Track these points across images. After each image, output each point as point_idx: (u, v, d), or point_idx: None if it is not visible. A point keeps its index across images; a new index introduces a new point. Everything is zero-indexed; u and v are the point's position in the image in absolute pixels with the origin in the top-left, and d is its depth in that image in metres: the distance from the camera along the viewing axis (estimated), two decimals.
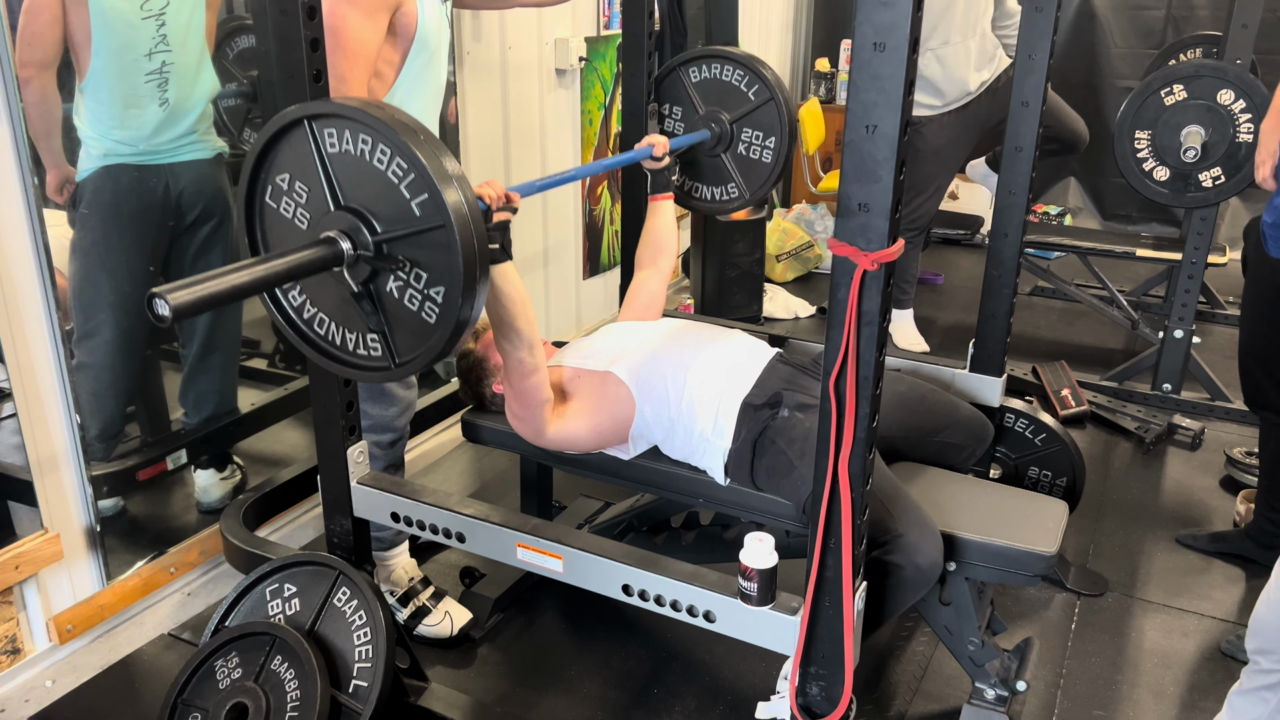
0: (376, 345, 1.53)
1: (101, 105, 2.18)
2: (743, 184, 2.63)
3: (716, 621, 1.68)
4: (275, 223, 1.56)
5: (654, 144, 2.34)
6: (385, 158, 1.40)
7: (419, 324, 1.47)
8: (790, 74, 5.88)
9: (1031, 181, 2.40)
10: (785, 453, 1.89)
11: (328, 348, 1.59)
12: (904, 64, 1.27)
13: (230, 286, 1.32)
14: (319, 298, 1.57)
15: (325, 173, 1.47)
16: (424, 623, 2.30)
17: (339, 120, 1.43)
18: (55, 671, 2.19)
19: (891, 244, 1.36)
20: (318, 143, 1.46)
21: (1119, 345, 4.28)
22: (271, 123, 1.48)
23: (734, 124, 2.58)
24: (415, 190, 1.39)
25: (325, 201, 1.48)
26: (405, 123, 1.39)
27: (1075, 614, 2.47)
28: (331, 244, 1.44)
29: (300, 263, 1.42)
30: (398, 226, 1.42)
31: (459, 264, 1.38)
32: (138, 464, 2.41)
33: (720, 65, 2.58)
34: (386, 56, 2.06)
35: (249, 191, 1.56)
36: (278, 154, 1.51)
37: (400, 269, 1.45)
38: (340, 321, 1.56)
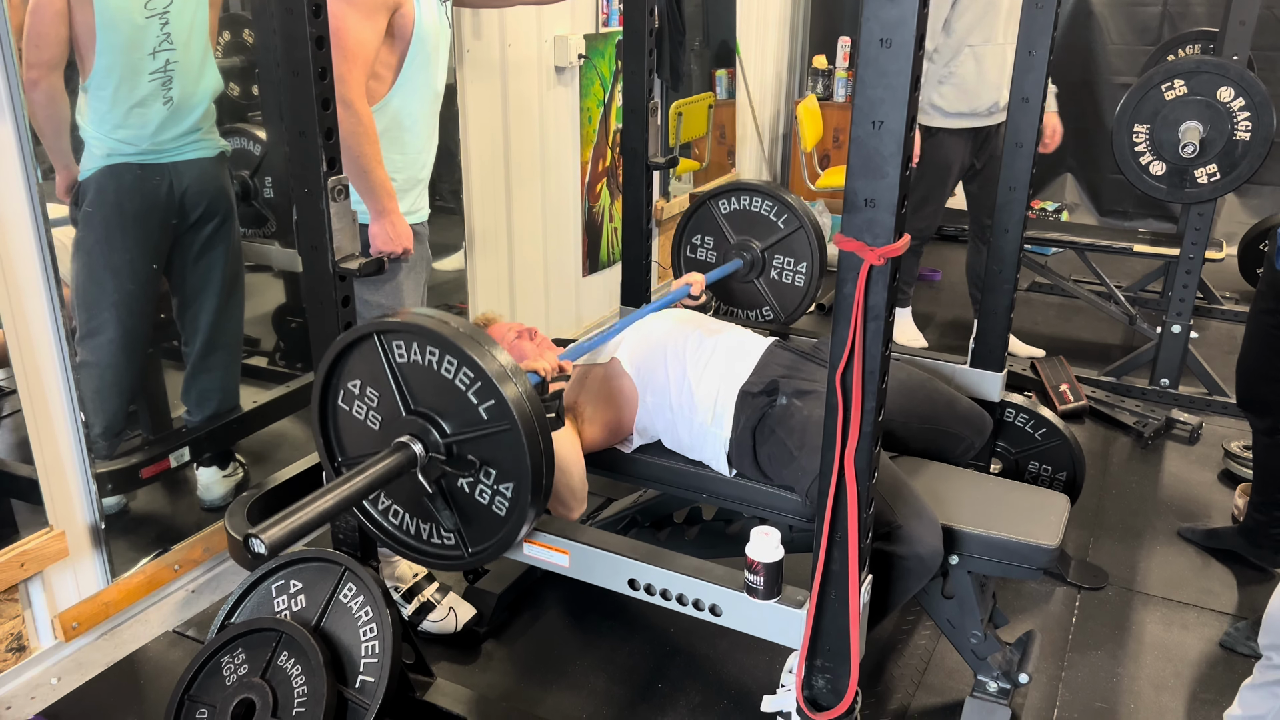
0: (450, 536, 1.64)
1: (105, 104, 2.18)
2: (777, 307, 2.75)
3: (723, 615, 1.69)
4: (348, 424, 1.69)
5: (691, 283, 2.43)
6: (452, 368, 1.53)
7: (490, 517, 1.58)
8: (788, 71, 5.89)
9: (1031, 178, 2.41)
10: (785, 442, 1.90)
11: (403, 538, 1.72)
12: (910, 60, 1.28)
13: (320, 514, 1.43)
14: (394, 492, 1.69)
15: (395, 380, 1.59)
16: (429, 618, 2.31)
17: (406, 335, 1.55)
18: (61, 669, 2.19)
19: (898, 239, 1.37)
20: (387, 354, 1.58)
21: (1117, 340, 4.30)
22: (343, 335, 1.62)
23: (765, 251, 2.71)
24: (482, 396, 1.51)
25: (396, 406, 1.60)
26: (469, 335, 1.51)
27: (1076, 607, 2.49)
28: (404, 449, 1.56)
29: (379, 475, 1.53)
30: (467, 430, 1.54)
31: (527, 463, 1.49)
32: (141, 462, 2.42)
33: (749, 197, 2.72)
34: (384, 58, 2.07)
35: (322, 397, 1.68)
36: (349, 362, 1.64)
37: (470, 467, 1.56)
38: (414, 514, 1.68)
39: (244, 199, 2.71)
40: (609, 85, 3.84)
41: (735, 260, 2.73)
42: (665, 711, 2.12)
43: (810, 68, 5.84)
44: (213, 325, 2.53)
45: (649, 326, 2.17)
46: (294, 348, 2.98)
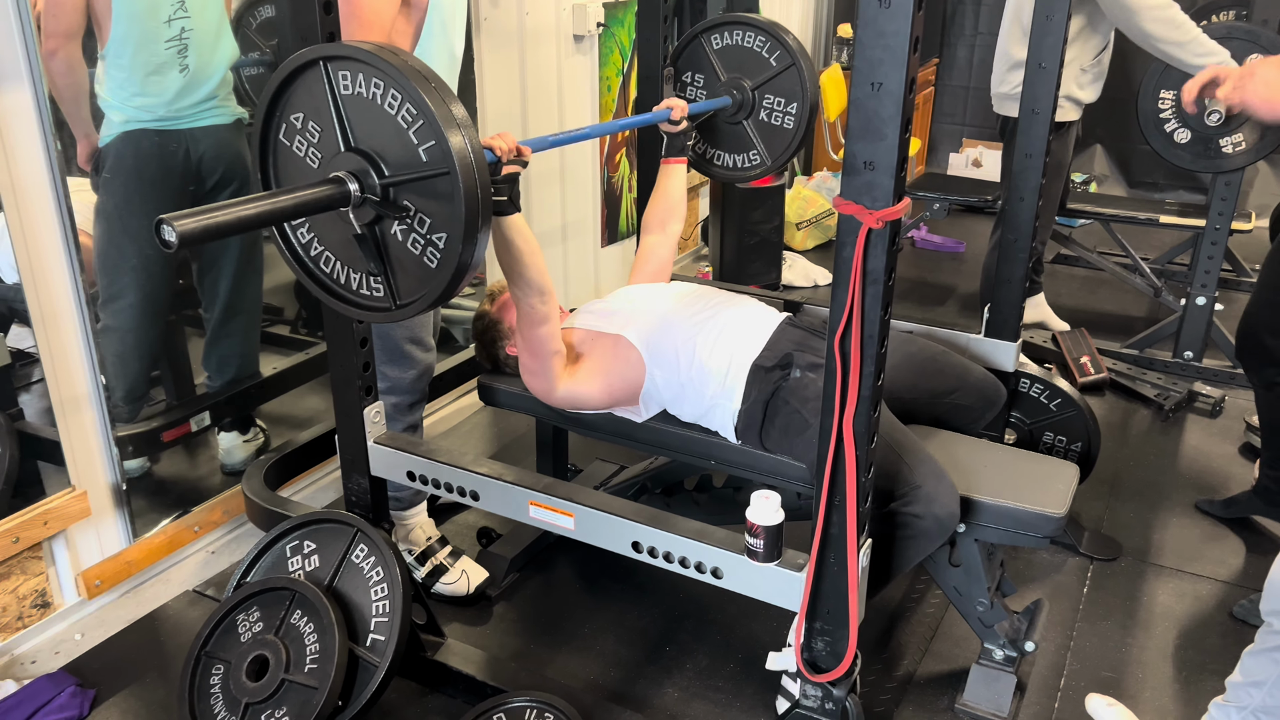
0: (379, 286, 1.55)
1: (123, 72, 2.21)
2: (764, 151, 2.63)
3: (724, 578, 1.70)
4: (288, 160, 1.58)
5: (672, 107, 2.35)
6: (396, 103, 1.42)
7: (421, 268, 1.49)
8: (812, 40, 5.83)
9: (1048, 146, 2.38)
10: (800, 411, 1.90)
11: (332, 285, 1.62)
12: (909, 20, 1.27)
13: (236, 218, 1.34)
14: (326, 236, 1.59)
15: (338, 114, 1.49)
16: (441, 581, 2.35)
17: (353, 63, 1.45)
18: (84, 625, 2.25)
19: (897, 202, 1.36)
20: (332, 84, 1.48)
21: (1141, 313, 4.25)
22: (289, 61, 1.50)
23: (755, 90, 2.58)
24: (423, 136, 1.41)
25: (336, 142, 1.50)
26: (417, 69, 1.40)
27: (1088, 578, 2.48)
28: (339, 184, 1.47)
29: (307, 200, 1.44)
30: (405, 171, 1.44)
31: (461, 211, 1.39)
32: (162, 425, 2.47)
33: (742, 32, 2.57)
34: (400, 28, 2.07)
35: (264, 127, 1.58)
36: (293, 93, 1.53)
37: (405, 213, 1.47)
38: (345, 261, 1.58)
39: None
40: (628, 54, 3.83)
41: (724, 97, 2.60)
42: (672, 674, 2.15)
43: (835, 36, 5.77)
44: (231, 292, 2.57)
45: (657, 302, 2.18)
46: (314, 316, 3.01)
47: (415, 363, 2.26)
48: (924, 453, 1.89)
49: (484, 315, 2.28)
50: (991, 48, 5.76)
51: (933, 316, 4.09)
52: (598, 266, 3.96)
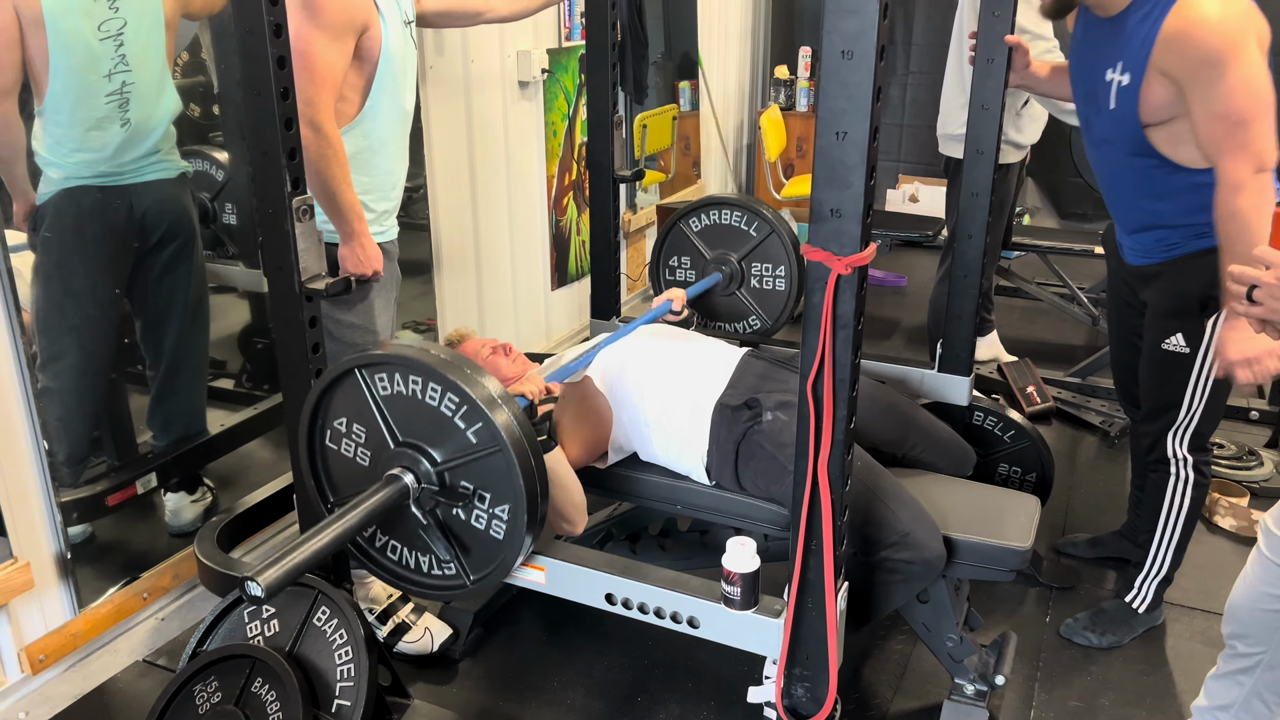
0: (451, 566, 1.64)
1: (61, 128, 2.15)
2: (762, 314, 2.78)
3: (701, 627, 1.69)
4: (337, 463, 1.68)
5: (672, 299, 2.44)
6: (436, 395, 1.52)
7: (489, 541, 1.58)
8: (750, 81, 5.93)
9: (993, 185, 2.44)
10: (776, 457, 1.90)
11: (404, 572, 1.71)
12: (872, 71, 1.29)
13: (315, 552, 1.42)
14: (390, 528, 1.68)
15: (381, 414, 1.59)
16: (404, 639, 2.29)
17: (388, 367, 1.55)
18: (28, 703, 2.15)
19: (864, 248, 1.38)
20: (370, 388, 1.58)
21: (1081, 341, 4.36)
22: (325, 374, 1.61)
23: (742, 261, 2.74)
24: (470, 420, 1.51)
25: (384, 439, 1.59)
26: (449, 361, 1.51)
27: (1049, 607, 2.51)
28: (395, 480, 1.56)
29: (372, 509, 1.53)
30: (458, 455, 1.54)
31: (520, 483, 1.49)
32: (107, 489, 2.37)
33: (718, 211, 2.76)
34: (351, 80, 2.06)
35: (309, 438, 1.68)
36: (332, 400, 1.64)
37: (464, 494, 1.56)
38: (412, 548, 1.67)
39: (204, 222, 2.68)
40: (573, 99, 3.85)
41: (714, 274, 2.75)
42: None
43: (772, 78, 5.88)
44: (177, 348, 2.50)
45: (618, 344, 2.17)
46: (260, 369, 2.95)
47: None
48: (905, 495, 1.90)
49: None
50: (924, 86, 5.96)
51: (880, 351, 4.14)
52: (548, 309, 3.95)
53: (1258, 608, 1.61)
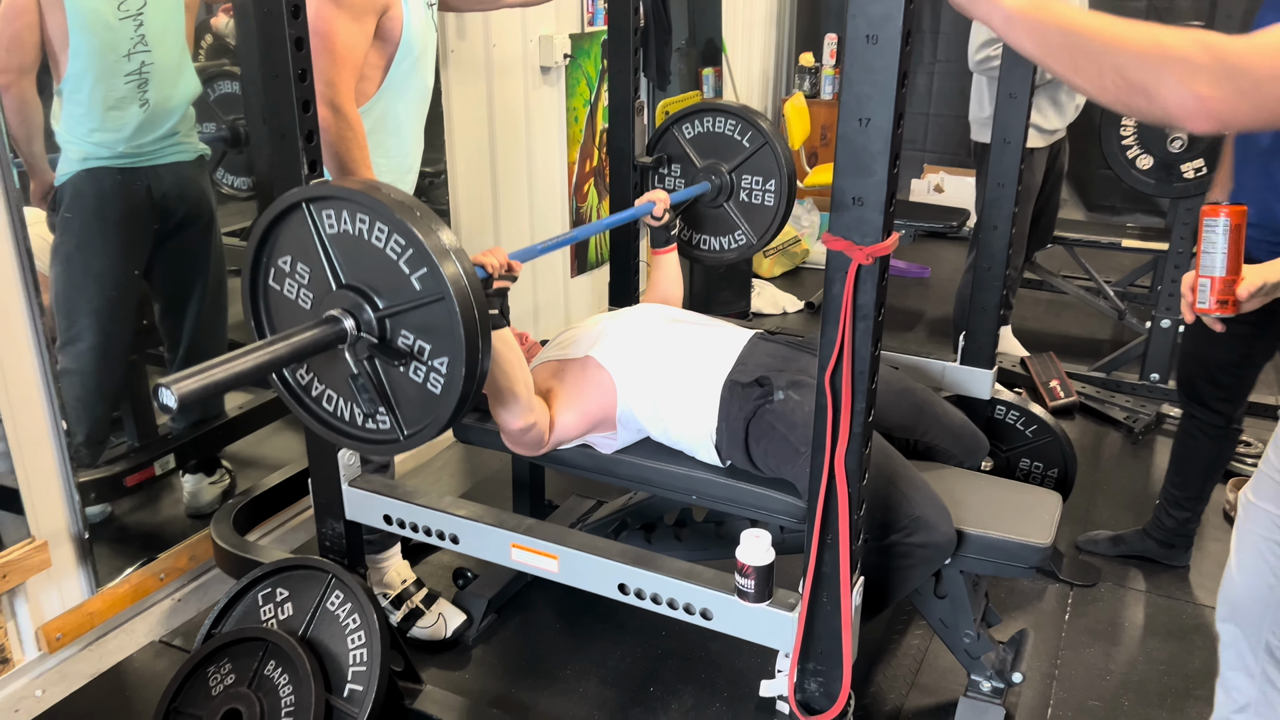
0: (385, 419, 1.56)
1: (80, 108, 2.15)
2: (749, 229, 2.68)
3: (714, 619, 1.67)
4: (279, 305, 1.60)
5: (655, 200, 2.37)
6: (383, 235, 1.44)
7: (425, 396, 1.50)
8: (774, 69, 5.88)
9: (1020, 176, 2.40)
10: (788, 438, 1.87)
11: (336, 424, 1.63)
12: (897, 56, 1.26)
13: (235, 373, 1.35)
14: (326, 375, 1.61)
15: (325, 253, 1.50)
16: (418, 625, 2.29)
17: (336, 201, 1.47)
18: (45, 681, 2.16)
19: (886, 237, 1.35)
20: (316, 225, 1.50)
21: (1106, 336, 4.30)
22: (270, 208, 1.53)
23: (732, 173, 2.64)
24: (414, 265, 1.43)
25: (327, 281, 1.51)
26: (401, 200, 1.43)
27: (1069, 605, 2.48)
28: (334, 323, 1.48)
29: (304, 344, 1.45)
30: (399, 302, 1.46)
31: (460, 334, 1.41)
32: (125, 470, 2.39)
33: (713, 118, 2.64)
34: (372, 60, 2.04)
35: (252, 276, 1.60)
36: (278, 237, 1.56)
37: (404, 343, 1.49)
38: (348, 397, 1.60)
39: (233, 145, 2.66)
40: (595, 85, 3.82)
41: (702, 183, 2.64)
42: (658, 715, 2.11)
43: (797, 65, 5.83)
44: (196, 331, 2.50)
45: (625, 321, 2.15)
46: None
47: None
48: (918, 478, 1.87)
49: None
50: (951, 75, 5.89)
51: (902, 343, 4.09)
52: (567, 297, 3.94)
53: (1250, 584, 1.57)
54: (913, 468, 1.91)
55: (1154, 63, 1.02)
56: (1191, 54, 1.01)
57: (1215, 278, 1.55)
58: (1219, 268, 1.55)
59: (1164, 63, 1.02)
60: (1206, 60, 1.00)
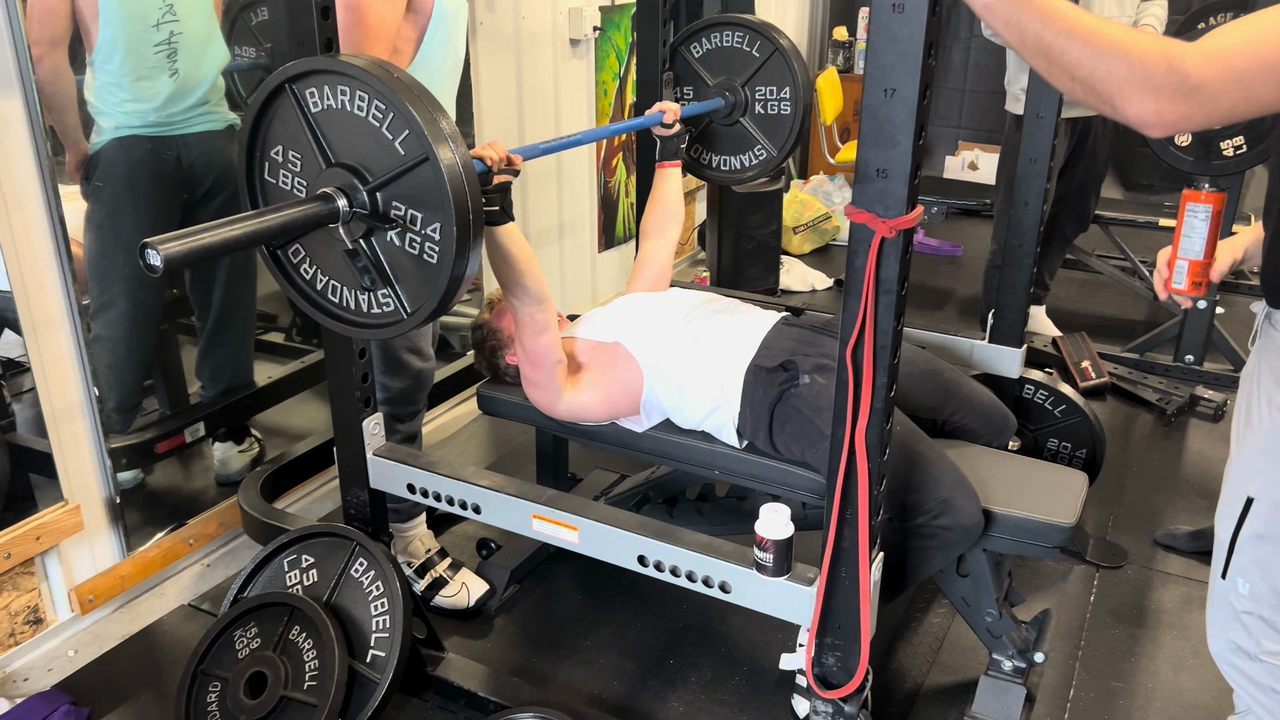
0: (388, 299, 1.54)
1: (112, 77, 2.17)
2: (767, 143, 2.62)
3: (732, 592, 1.67)
4: (276, 196, 1.58)
5: (665, 109, 2.33)
6: (364, 103, 1.42)
7: (423, 268, 1.47)
8: (808, 43, 5.81)
9: (1053, 151, 2.36)
10: (814, 421, 1.87)
11: (341, 312, 1.61)
12: (923, 25, 1.24)
13: (222, 239, 1.33)
14: (327, 264, 1.58)
15: (312, 133, 1.48)
16: (441, 594, 2.31)
17: (315, 76, 1.45)
18: (77, 641, 2.21)
19: (910, 210, 1.34)
20: (301, 104, 1.48)
21: (1141, 317, 4.23)
22: (255, 97, 1.51)
23: (745, 86, 2.57)
24: (397, 129, 1.40)
25: (318, 164, 1.49)
26: (376, 63, 1.40)
27: (1094, 586, 2.46)
28: (327, 200, 1.46)
29: (294, 218, 1.43)
30: (387, 172, 1.43)
31: (448, 192, 1.38)
32: (156, 436, 2.43)
33: (718, 33, 2.59)
34: (405, 33, 2.04)
35: (248, 174, 1.59)
36: (269, 128, 1.54)
37: (396, 214, 1.46)
38: (350, 284, 1.57)
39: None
40: (624, 58, 3.80)
41: (715, 99, 2.58)
42: (676, 687, 2.12)
43: (830, 39, 5.76)
44: (224, 301, 2.53)
45: (652, 309, 2.15)
46: (309, 324, 2.98)
47: (414, 372, 2.22)
48: (946, 461, 1.86)
49: (483, 324, 2.25)
50: (986, 50, 5.79)
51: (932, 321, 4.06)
52: (594, 271, 3.94)
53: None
54: (940, 449, 1.90)
55: (1119, 78, 1.08)
56: (1153, 70, 1.07)
57: (1193, 261, 1.58)
58: (1197, 252, 1.58)
59: (1128, 80, 1.08)
60: (1167, 79, 1.06)
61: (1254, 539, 1.35)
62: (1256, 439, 1.40)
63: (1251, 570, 1.36)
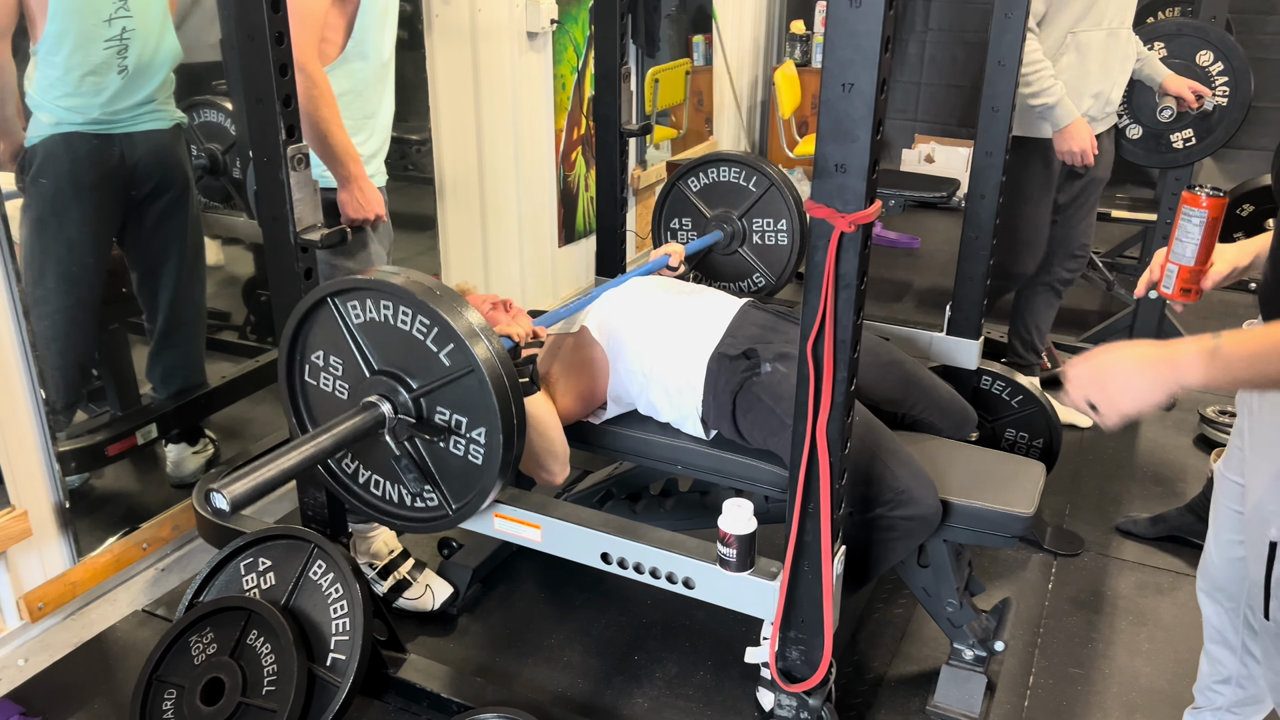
0: (432, 496, 1.63)
1: (56, 70, 2.11)
2: (765, 270, 2.72)
3: (696, 588, 1.67)
4: (317, 399, 1.67)
5: (671, 253, 2.42)
6: (409, 318, 1.50)
7: (467, 468, 1.56)
8: (765, 36, 5.82)
9: (1008, 145, 2.38)
10: (774, 410, 1.87)
11: (387, 507, 1.70)
12: (880, 20, 1.24)
13: (283, 470, 1.40)
14: (370, 461, 1.67)
15: (355, 342, 1.57)
16: (404, 596, 2.29)
17: (360, 292, 1.54)
18: (27, 650, 2.16)
19: (869, 205, 1.34)
20: (343, 316, 1.56)
21: (1094, 307, 4.30)
22: (299, 307, 1.59)
23: (742, 218, 2.68)
24: (441, 342, 1.49)
25: (360, 370, 1.58)
26: (421, 283, 1.48)
27: (1052, 574, 2.49)
28: (373, 408, 1.54)
29: (346, 432, 1.50)
30: (431, 380, 1.52)
31: (494, 404, 1.47)
32: (107, 439, 2.37)
33: (715, 169, 2.70)
34: (333, 22, 2.02)
35: (288, 374, 1.67)
36: (308, 333, 1.62)
37: (441, 419, 1.55)
38: (394, 480, 1.66)
39: (213, 173, 2.65)
40: (583, 51, 3.78)
41: (715, 232, 2.70)
42: (641, 683, 2.11)
43: (788, 33, 5.78)
44: (174, 301, 2.47)
45: (617, 294, 2.14)
46: (264, 321, 2.93)
47: None
48: (904, 453, 1.87)
49: None
50: (942, 44, 5.84)
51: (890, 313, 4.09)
52: (555, 266, 3.91)
53: (1226, 557, 1.58)
54: (899, 441, 1.91)
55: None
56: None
57: (1184, 266, 1.51)
58: (1189, 257, 1.51)
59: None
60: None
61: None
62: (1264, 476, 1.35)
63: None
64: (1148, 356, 1.19)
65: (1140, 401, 1.20)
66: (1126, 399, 1.21)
